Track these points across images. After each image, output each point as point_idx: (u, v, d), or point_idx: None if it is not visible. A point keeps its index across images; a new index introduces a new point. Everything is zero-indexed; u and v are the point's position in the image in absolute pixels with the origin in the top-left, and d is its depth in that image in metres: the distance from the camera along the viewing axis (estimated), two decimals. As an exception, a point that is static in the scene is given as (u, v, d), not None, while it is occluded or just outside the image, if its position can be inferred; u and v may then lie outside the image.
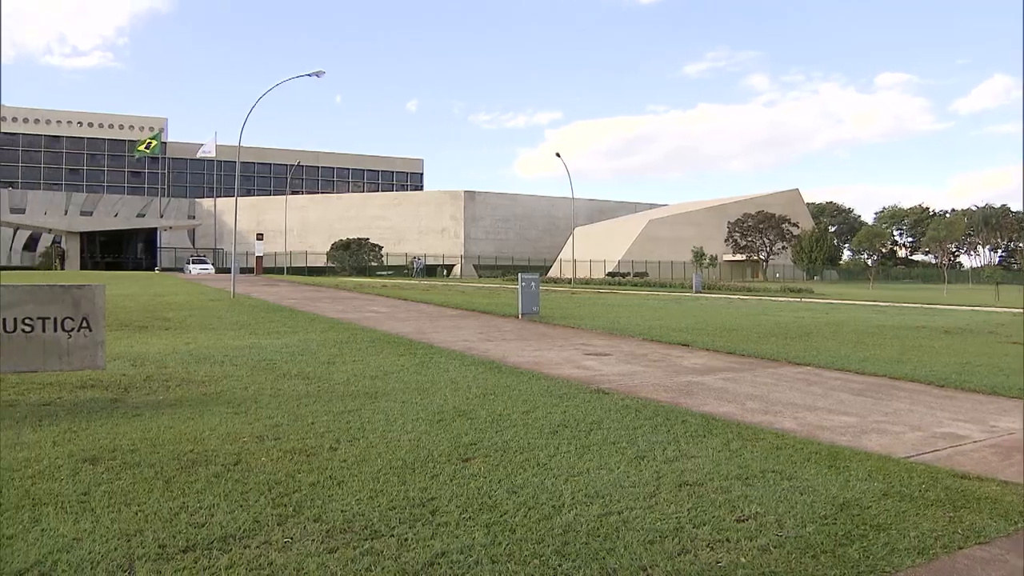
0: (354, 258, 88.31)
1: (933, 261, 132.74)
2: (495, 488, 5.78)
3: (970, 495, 5.87)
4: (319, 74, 34.81)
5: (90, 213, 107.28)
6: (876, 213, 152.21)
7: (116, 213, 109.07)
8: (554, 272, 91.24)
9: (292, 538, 4.74)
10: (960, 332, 20.55)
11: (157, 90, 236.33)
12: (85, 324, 8.94)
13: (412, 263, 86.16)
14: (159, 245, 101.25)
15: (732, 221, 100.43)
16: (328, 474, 6.03)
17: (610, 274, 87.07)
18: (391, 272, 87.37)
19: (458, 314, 24.05)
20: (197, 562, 4.36)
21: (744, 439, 7.56)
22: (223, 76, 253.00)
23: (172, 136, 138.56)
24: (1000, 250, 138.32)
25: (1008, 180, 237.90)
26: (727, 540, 4.85)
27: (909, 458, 7.04)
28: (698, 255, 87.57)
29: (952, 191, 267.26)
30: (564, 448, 7.01)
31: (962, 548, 4.86)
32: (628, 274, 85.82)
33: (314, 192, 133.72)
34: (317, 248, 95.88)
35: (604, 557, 4.55)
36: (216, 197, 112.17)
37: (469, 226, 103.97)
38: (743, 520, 5.21)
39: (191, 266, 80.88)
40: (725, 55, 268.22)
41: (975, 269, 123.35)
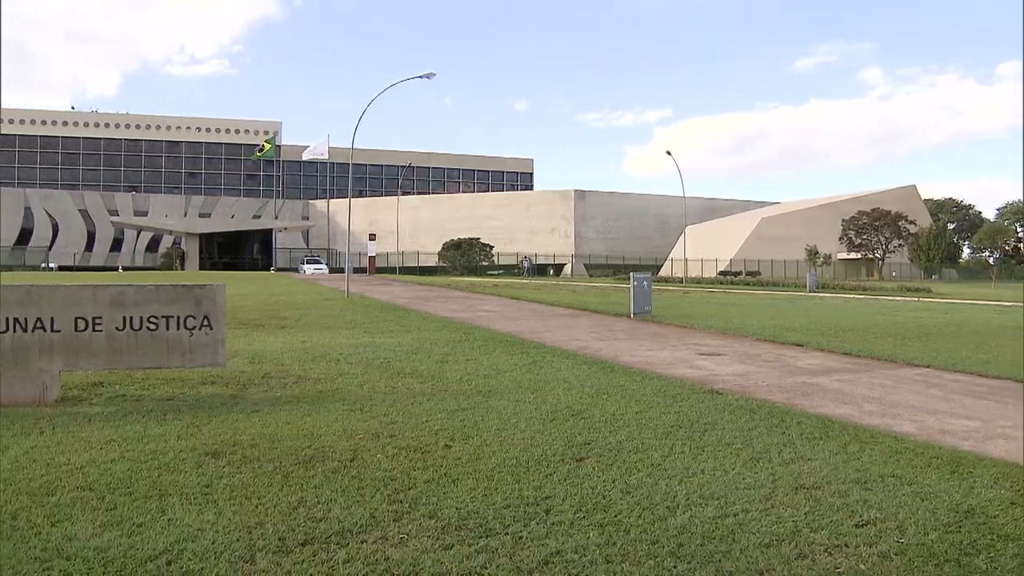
0: (465, 258, 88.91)
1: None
2: (609, 488, 5.77)
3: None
4: (430, 76, 35.10)
5: (208, 215, 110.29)
6: (998, 209, 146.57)
7: (233, 215, 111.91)
8: (665, 271, 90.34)
9: (408, 534, 4.81)
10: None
11: (271, 95, 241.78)
12: (206, 322, 9.21)
13: (522, 262, 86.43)
14: (274, 246, 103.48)
15: (846, 219, 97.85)
16: (443, 471, 6.11)
17: (722, 273, 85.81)
18: (501, 271, 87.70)
19: (569, 313, 24.04)
20: (315, 555, 4.47)
21: (862, 442, 7.39)
22: (334, 80, 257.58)
23: (286, 139, 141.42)
24: None
25: None
26: (845, 545, 4.76)
27: (1039, 465, 6.78)
28: (811, 254, 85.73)
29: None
30: (678, 449, 6.97)
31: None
32: (740, 273, 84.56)
33: (425, 192, 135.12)
34: (428, 248, 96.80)
35: (720, 560, 4.51)
36: (329, 198, 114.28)
37: (579, 225, 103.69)
38: (862, 525, 5.10)
39: (305, 266, 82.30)
40: (838, 49, 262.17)
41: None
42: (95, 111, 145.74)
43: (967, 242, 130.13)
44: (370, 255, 69.51)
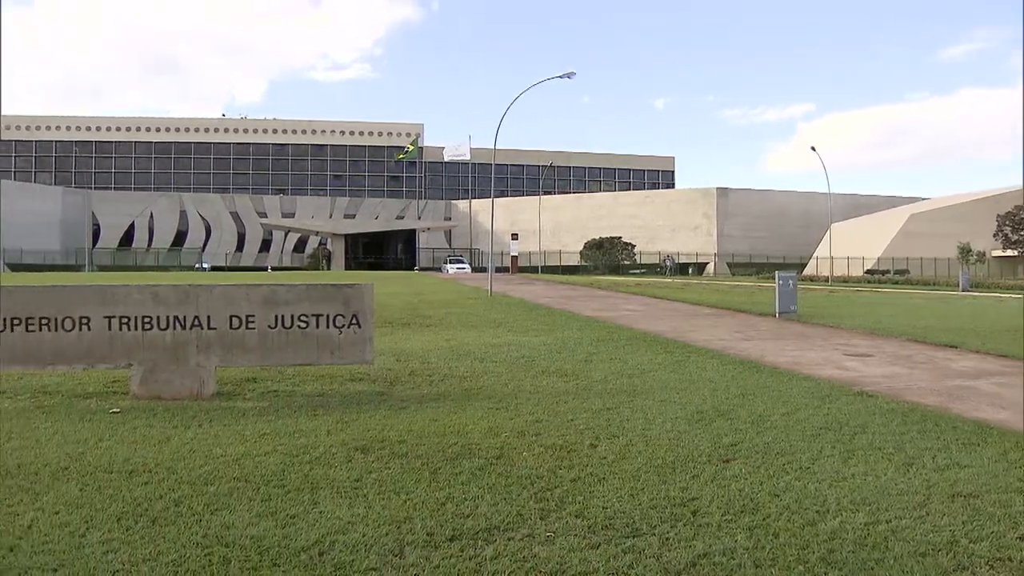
0: (607, 256, 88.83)
1: None
2: (757, 490, 5.66)
3: None
4: (571, 75, 35.16)
5: (353, 216, 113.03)
6: None
7: (377, 215, 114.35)
8: (810, 270, 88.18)
9: (555, 532, 4.80)
10: None
11: (412, 97, 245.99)
12: (355, 321, 9.40)
13: (664, 261, 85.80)
14: (418, 246, 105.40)
15: (1002, 214, 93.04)
16: (589, 471, 6.08)
17: (868, 272, 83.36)
18: (643, 270, 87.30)
19: (713, 312, 23.72)
20: (463, 551, 4.50)
21: (1023, 449, 7.06)
22: (473, 81, 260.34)
23: (428, 140, 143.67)
24: None
25: None
26: (1009, 559, 4.49)
27: None
28: (964, 251, 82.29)
29: None
30: (827, 452, 6.77)
31: None
32: (887, 272, 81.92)
33: (565, 192, 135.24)
34: (570, 247, 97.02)
35: (872, 568, 4.35)
36: (471, 199, 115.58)
37: (722, 223, 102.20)
38: (1028, 537, 4.85)
39: (448, 266, 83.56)
40: (985, 35, 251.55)
41: None
42: (244, 117, 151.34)
43: None
44: (512, 254, 70.14)
